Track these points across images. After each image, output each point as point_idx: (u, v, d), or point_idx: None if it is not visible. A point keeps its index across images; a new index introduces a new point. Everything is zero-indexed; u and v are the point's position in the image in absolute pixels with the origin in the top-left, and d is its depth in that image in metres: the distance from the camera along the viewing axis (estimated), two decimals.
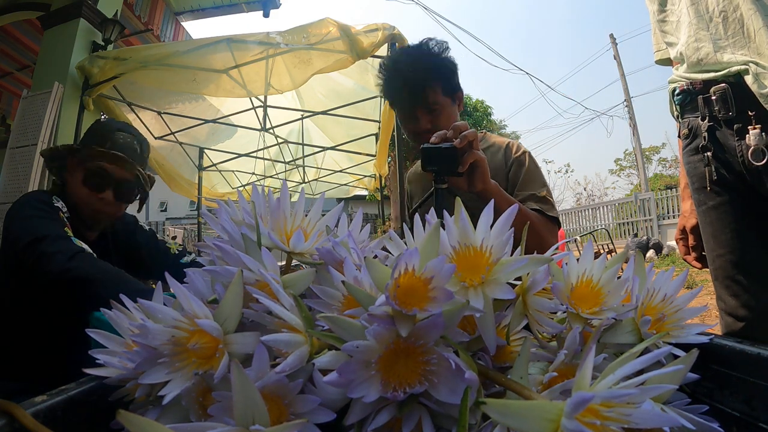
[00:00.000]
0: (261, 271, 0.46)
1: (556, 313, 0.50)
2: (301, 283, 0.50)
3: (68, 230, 1.36)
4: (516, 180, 1.58)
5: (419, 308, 0.37)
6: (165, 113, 5.92)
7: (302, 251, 0.53)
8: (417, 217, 0.51)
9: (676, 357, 0.47)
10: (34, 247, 1.25)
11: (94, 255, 1.32)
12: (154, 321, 0.43)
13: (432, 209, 0.93)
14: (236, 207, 0.61)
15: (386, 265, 0.53)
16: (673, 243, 12.99)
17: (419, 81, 1.53)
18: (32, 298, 1.39)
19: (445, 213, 0.46)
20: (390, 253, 0.58)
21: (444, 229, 0.45)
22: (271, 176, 9.17)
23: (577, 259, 0.51)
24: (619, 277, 0.50)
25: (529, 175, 1.58)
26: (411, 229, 0.52)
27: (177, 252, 1.78)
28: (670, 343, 0.48)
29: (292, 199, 0.60)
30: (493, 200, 0.49)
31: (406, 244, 0.55)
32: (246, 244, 0.52)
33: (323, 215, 0.60)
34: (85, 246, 1.32)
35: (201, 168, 7.46)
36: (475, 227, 0.45)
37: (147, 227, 1.83)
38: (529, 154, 1.65)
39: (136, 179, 1.59)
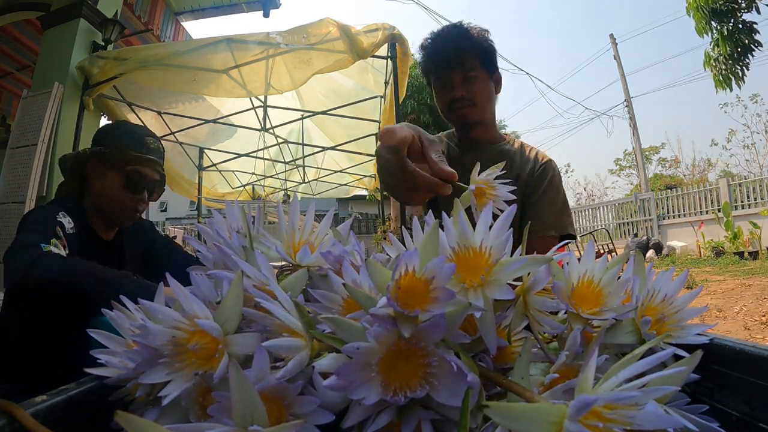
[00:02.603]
0: (264, 272, 0.46)
1: (557, 313, 0.50)
2: (297, 285, 0.50)
3: (54, 242, 1.35)
4: (537, 191, 1.60)
5: (421, 309, 0.37)
6: (165, 113, 5.93)
7: (308, 264, 0.53)
8: (416, 218, 0.51)
9: (677, 357, 0.47)
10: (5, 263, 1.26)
11: (62, 254, 1.31)
12: (155, 321, 0.43)
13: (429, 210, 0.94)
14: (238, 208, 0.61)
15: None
16: (673, 243, 13.01)
17: (459, 45, 1.61)
18: (32, 301, 1.39)
19: (444, 214, 0.47)
20: (388, 255, 0.58)
21: (443, 230, 0.45)
22: (271, 176, 9.19)
23: (579, 259, 0.51)
24: (619, 278, 0.50)
25: (552, 194, 1.60)
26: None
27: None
28: (670, 344, 0.48)
29: (292, 200, 0.61)
30: (491, 201, 0.49)
31: (405, 246, 0.55)
32: (245, 251, 0.52)
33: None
34: (56, 251, 1.31)
35: (201, 168, 7.48)
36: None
37: (163, 233, 1.88)
38: (554, 163, 1.66)
39: (162, 178, 1.68)
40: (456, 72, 1.61)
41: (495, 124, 1.76)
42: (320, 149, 7.66)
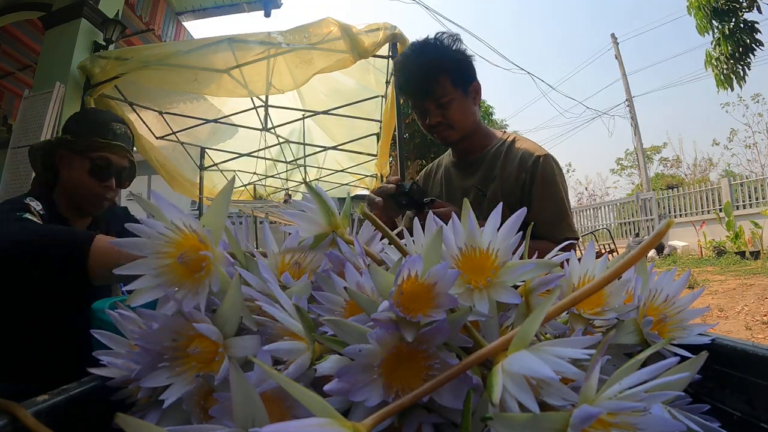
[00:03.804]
0: (264, 274, 0.45)
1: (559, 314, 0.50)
2: (302, 292, 0.49)
3: (27, 215, 1.31)
4: (529, 200, 1.55)
5: (423, 314, 0.37)
6: (166, 113, 5.92)
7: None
8: (416, 219, 0.51)
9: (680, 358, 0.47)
10: None
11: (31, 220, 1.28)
12: (156, 326, 0.43)
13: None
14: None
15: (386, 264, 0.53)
16: (674, 243, 12.99)
17: (425, 74, 1.55)
18: (33, 300, 1.39)
19: (453, 214, 0.47)
20: (387, 253, 0.58)
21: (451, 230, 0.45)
22: (272, 176, 9.17)
23: (579, 260, 0.50)
24: (620, 278, 0.50)
25: (543, 195, 1.54)
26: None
27: None
28: (672, 344, 0.48)
29: (295, 197, 0.60)
30: (501, 203, 0.48)
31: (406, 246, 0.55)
32: (247, 261, 0.51)
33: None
34: (27, 216, 1.29)
35: (202, 168, 7.47)
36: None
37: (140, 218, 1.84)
38: (545, 158, 1.59)
39: (131, 165, 1.65)
40: (428, 100, 1.58)
41: (480, 131, 1.72)
42: (321, 149, 7.65)
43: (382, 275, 0.42)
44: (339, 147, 7.39)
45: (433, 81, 1.55)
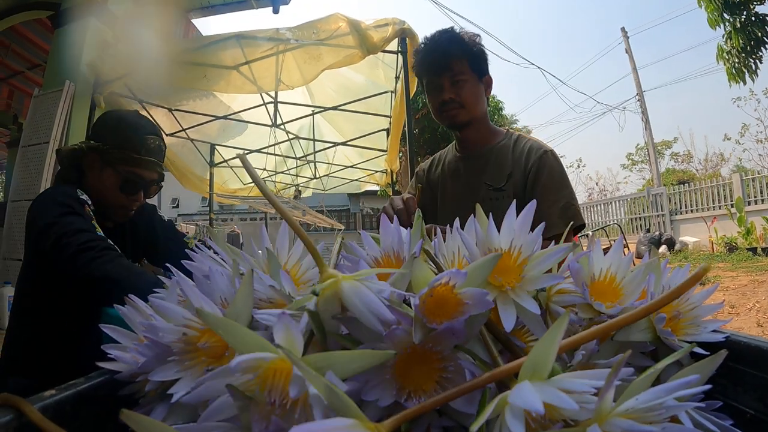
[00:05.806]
0: (282, 282, 0.45)
1: (574, 305, 0.49)
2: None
3: (95, 224, 1.37)
4: (535, 187, 1.62)
5: (439, 322, 0.37)
6: (176, 110, 5.95)
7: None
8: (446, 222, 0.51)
9: (692, 354, 0.46)
10: (60, 243, 1.26)
11: (118, 251, 1.32)
12: (166, 320, 0.43)
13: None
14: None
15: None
16: (685, 238, 12.90)
17: (447, 51, 1.68)
18: (51, 295, 1.39)
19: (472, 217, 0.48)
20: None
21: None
22: (282, 172, 9.19)
23: (605, 250, 0.51)
24: (633, 272, 0.50)
25: (552, 180, 1.61)
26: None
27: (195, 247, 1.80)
28: (685, 341, 0.47)
29: (304, 195, 0.60)
30: (515, 201, 0.49)
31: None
32: (270, 265, 0.51)
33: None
34: (110, 243, 1.33)
35: (212, 164, 7.50)
36: None
37: (165, 218, 1.84)
38: (551, 153, 1.68)
39: (160, 177, 1.65)
40: (445, 76, 1.68)
41: (487, 123, 1.82)
42: (331, 145, 7.66)
43: (423, 270, 0.42)
44: (348, 143, 7.39)
45: (454, 58, 1.67)
